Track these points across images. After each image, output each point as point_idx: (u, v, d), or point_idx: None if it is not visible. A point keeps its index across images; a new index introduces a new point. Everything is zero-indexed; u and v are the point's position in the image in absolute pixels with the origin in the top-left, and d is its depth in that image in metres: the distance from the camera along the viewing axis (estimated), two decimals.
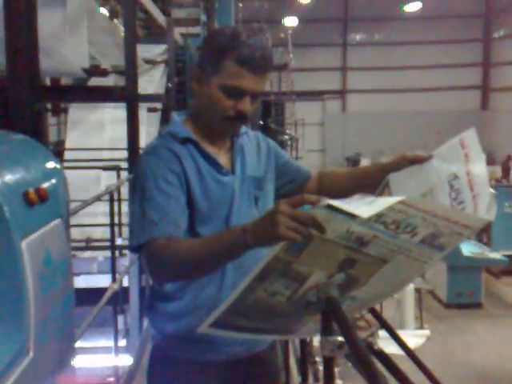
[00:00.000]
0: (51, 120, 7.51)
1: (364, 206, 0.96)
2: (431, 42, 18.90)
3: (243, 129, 1.54)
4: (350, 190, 1.43)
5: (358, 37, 19.66)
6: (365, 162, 17.31)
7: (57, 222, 1.02)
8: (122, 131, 4.90)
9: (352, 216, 0.96)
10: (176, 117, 1.50)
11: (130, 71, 3.84)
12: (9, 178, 0.89)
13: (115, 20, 6.34)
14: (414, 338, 6.33)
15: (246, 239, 1.10)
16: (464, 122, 19.29)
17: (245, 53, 1.33)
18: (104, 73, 4.66)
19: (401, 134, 18.10)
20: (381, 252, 1.08)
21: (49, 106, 5.43)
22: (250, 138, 1.57)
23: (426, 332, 6.72)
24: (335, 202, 0.96)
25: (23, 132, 1.52)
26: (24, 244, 0.86)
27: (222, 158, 1.46)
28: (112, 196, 3.20)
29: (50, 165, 1.10)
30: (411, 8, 17.53)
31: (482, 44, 19.42)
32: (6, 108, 1.72)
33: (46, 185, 1.00)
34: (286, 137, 13.47)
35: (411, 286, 6.62)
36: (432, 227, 1.05)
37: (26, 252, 0.85)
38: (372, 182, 1.47)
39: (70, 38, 3.89)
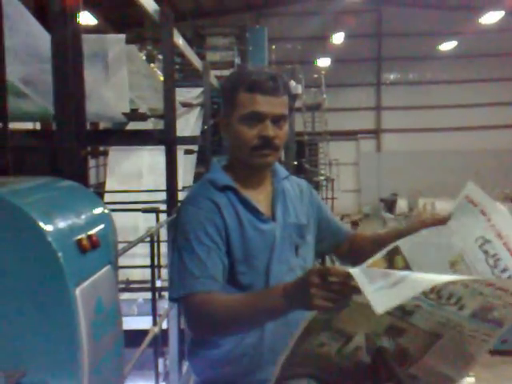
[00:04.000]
0: (90, 162, 7.73)
1: (385, 293, 0.91)
2: (467, 81, 18.80)
3: (284, 173, 1.53)
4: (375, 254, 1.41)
5: (391, 76, 19.74)
6: (401, 203, 17.08)
7: (107, 268, 1.02)
8: (159, 173, 4.99)
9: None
10: (216, 163, 1.51)
11: (169, 115, 3.93)
12: (62, 225, 0.91)
13: (151, 64, 6.56)
14: None
15: (288, 303, 1.10)
16: (503, 161, 18.92)
17: (252, 79, 1.36)
18: (143, 117, 4.81)
19: (438, 174, 17.80)
20: (429, 325, 1.03)
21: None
22: (292, 183, 1.55)
23: (472, 380, 6.41)
24: (360, 279, 0.93)
25: (70, 177, 1.55)
26: (78, 291, 0.86)
27: (263, 205, 1.45)
28: (152, 238, 3.23)
29: (100, 210, 1.11)
30: (446, 47, 17.55)
31: None
32: (54, 154, 1.77)
33: (97, 231, 1.01)
34: (321, 177, 13.45)
35: None
36: (479, 297, 0.98)
37: (80, 299, 0.86)
38: None
39: (112, 84, 4.03)
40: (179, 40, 4.24)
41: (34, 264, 0.85)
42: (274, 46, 12.09)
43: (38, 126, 5.92)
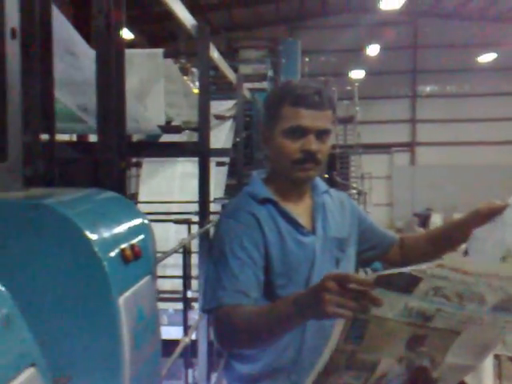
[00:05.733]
0: None
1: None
2: (506, 94, 18.42)
3: (324, 187, 1.53)
4: (432, 252, 1.39)
5: (427, 88, 19.49)
6: (436, 218, 16.73)
7: (148, 278, 1.05)
8: (191, 185, 5.04)
9: (406, 291, 0.92)
10: (256, 176, 1.52)
11: (203, 127, 3.98)
12: (106, 235, 0.94)
13: (185, 77, 6.66)
14: None
15: (299, 312, 1.07)
16: None
17: (297, 93, 1.36)
18: (178, 130, 4.90)
19: (475, 189, 17.35)
20: (450, 324, 1.01)
21: None
22: (332, 197, 1.56)
23: None
24: (383, 273, 0.91)
25: (110, 188, 1.60)
26: (121, 300, 0.89)
27: (303, 218, 1.45)
28: (185, 249, 3.27)
29: (141, 221, 1.14)
30: (485, 59, 17.26)
31: None
32: (95, 166, 1.82)
33: (139, 242, 1.03)
34: (353, 191, 13.34)
35: None
36: (500, 293, 0.97)
37: (123, 308, 0.88)
38: (450, 243, 1.42)
39: (149, 97, 4.12)
40: (214, 53, 4.31)
41: (79, 272, 0.88)
42: (307, 59, 12.12)
43: (73, 137, 6.09)
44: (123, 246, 0.95)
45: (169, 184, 6.56)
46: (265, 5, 16.38)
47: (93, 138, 4.45)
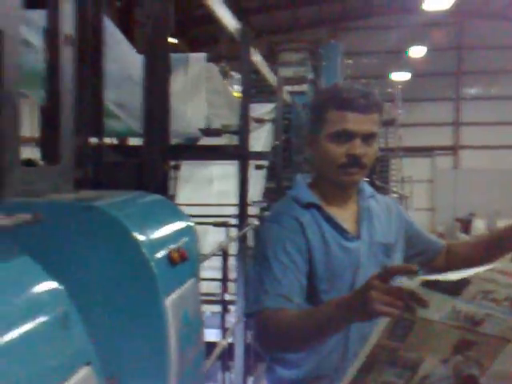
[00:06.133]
0: None
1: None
2: None
3: (370, 191, 1.52)
4: (478, 260, 1.35)
5: (472, 91, 18.97)
6: (479, 224, 16.27)
7: (192, 280, 1.06)
8: (228, 187, 5.06)
9: (453, 294, 0.90)
10: (300, 180, 1.51)
11: (244, 131, 4.01)
12: (154, 237, 0.96)
13: (224, 81, 6.70)
14: None
15: (342, 315, 1.06)
16: None
17: (344, 96, 1.35)
18: (218, 133, 4.94)
19: None
20: (500, 330, 0.98)
21: None
22: (378, 201, 1.54)
23: None
24: (430, 277, 0.90)
25: (154, 191, 1.63)
26: (168, 302, 0.90)
27: (348, 223, 1.43)
28: (224, 252, 3.30)
29: (186, 224, 1.16)
30: None
31: None
32: (139, 169, 1.86)
33: (185, 244, 1.05)
34: (394, 195, 13.12)
35: None
36: None
37: (170, 310, 0.90)
38: (498, 251, 1.39)
39: (191, 101, 4.17)
40: (256, 57, 4.33)
41: (127, 273, 0.90)
42: (350, 61, 11.98)
43: (113, 140, 6.21)
44: (170, 248, 0.97)
45: (206, 186, 6.61)
46: (306, 7, 16.34)
47: (131, 140, 4.51)
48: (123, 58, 2.24)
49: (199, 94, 4.16)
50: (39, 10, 1.27)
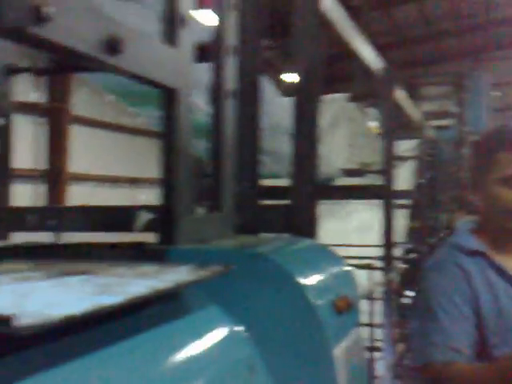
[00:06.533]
0: None
1: None
2: None
3: None
4: None
5: None
6: None
7: (356, 329, 1.03)
8: (367, 227, 4.92)
9: None
10: (462, 226, 1.44)
11: (387, 170, 3.91)
12: (317, 284, 0.94)
13: None
14: None
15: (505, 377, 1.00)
16: None
17: None
18: (360, 173, 4.87)
19: None
20: None
21: None
22: None
23: None
24: None
25: (305, 235, 1.63)
26: (337, 352, 0.88)
27: None
28: (370, 296, 3.19)
29: (345, 270, 1.13)
30: None
31: None
32: (289, 212, 1.87)
33: (349, 292, 1.02)
34: None
35: None
36: None
37: (339, 360, 0.87)
38: None
39: (333, 140, 4.20)
40: (398, 93, 4.23)
41: (295, 322, 0.89)
42: (498, 93, 11.25)
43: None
44: (335, 296, 0.95)
45: (345, 228, 6.52)
46: (446, 39, 15.75)
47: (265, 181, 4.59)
48: (271, 105, 2.33)
49: (341, 134, 4.17)
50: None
